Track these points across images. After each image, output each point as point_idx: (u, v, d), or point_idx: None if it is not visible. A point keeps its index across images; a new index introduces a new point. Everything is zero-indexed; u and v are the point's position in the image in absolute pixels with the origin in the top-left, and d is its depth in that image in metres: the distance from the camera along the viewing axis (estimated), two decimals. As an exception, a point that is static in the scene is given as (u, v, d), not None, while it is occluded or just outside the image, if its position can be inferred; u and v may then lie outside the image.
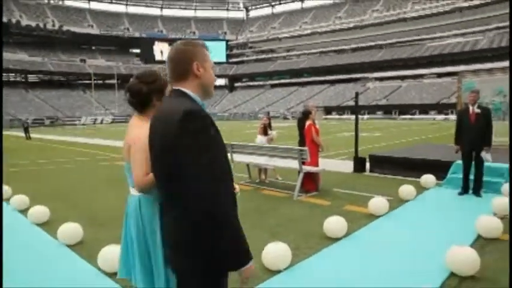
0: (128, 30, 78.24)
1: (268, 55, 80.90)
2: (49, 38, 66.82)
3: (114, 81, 62.17)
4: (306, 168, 6.66)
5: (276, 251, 3.52)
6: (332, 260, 3.78)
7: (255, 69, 78.89)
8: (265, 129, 8.61)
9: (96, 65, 69.44)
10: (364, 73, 64.07)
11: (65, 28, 68.15)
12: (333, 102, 58.83)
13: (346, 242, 4.28)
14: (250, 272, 1.45)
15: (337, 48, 72.45)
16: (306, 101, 55.21)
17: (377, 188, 6.99)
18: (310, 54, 75.58)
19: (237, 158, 7.86)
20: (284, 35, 78.98)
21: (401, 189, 6.22)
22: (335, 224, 4.39)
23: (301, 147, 6.76)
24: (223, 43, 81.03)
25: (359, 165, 8.95)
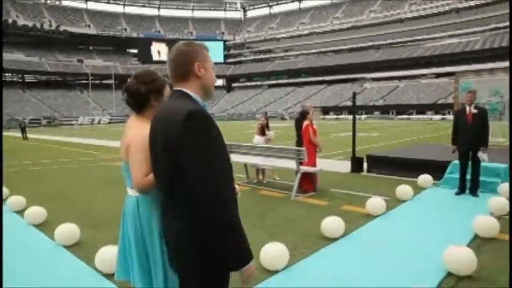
0: (125, 30, 78.10)
1: (265, 55, 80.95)
2: (46, 38, 66.60)
3: (111, 81, 62.06)
4: (304, 168, 6.67)
5: (274, 251, 3.52)
6: (330, 260, 3.78)
7: (253, 69, 78.90)
8: (262, 129, 8.62)
9: (93, 65, 69.29)
10: (361, 73, 64.18)
11: (62, 28, 67.97)
12: (330, 103, 58.90)
13: (343, 242, 4.28)
14: (251, 272, 1.45)
15: (334, 48, 72.59)
16: (303, 101, 55.34)
17: (374, 188, 7.00)
18: (307, 54, 75.68)
19: (235, 158, 7.86)
20: (282, 35, 79.05)
21: (399, 189, 6.23)
22: (332, 224, 4.40)
23: (298, 148, 6.77)
24: (220, 43, 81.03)
25: (356, 165, 8.96)
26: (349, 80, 65.36)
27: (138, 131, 1.89)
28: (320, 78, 68.37)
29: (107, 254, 3.45)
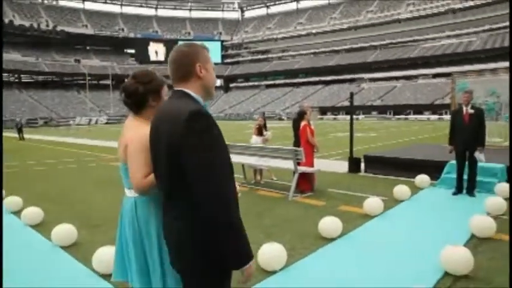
0: (123, 30, 77.95)
1: (263, 56, 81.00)
2: (43, 38, 66.40)
3: (108, 81, 61.91)
4: (301, 168, 6.67)
5: (272, 252, 3.52)
6: (327, 261, 3.78)
7: (250, 69, 78.93)
8: (260, 129, 8.62)
9: (90, 65, 69.11)
10: (358, 74, 64.35)
11: (59, 28, 67.76)
12: (327, 103, 59.01)
13: (341, 242, 4.29)
14: (251, 271, 1.46)
15: (332, 49, 72.73)
16: (301, 101, 55.32)
17: (372, 188, 7.01)
18: (305, 54, 75.78)
19: (233, 158, 7.84)
20: (279, 36, 79.11)
21: (396, 189, 6.25)
22: (330, 225, 4.40)
23: (296, 148, 6.77)
24: (218, 43, 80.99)
25: (354, 165, 8.98)
26: (346, 80, 65.50)
27: (136, 131, 1.88)
28: (317, 79, 68.49)
29: (104, 255, 3.44)
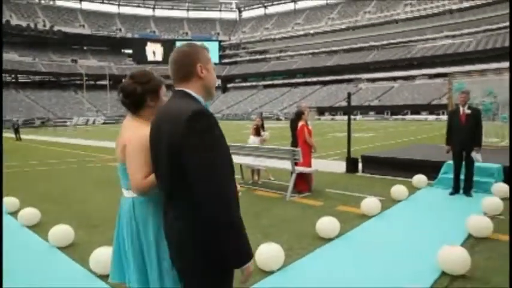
0: (120, 30, 77.77)
1: (261, 56, 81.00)
2: (40, 38, 66.16)
3: (106, 81, 61.75)
4: (299, 168, 6.68)
5: (269, 252, 3.52)
6: (325, 261, 3.79)
7: (248, 70, 78.91)
8: (257, 130, 8.62)
9: (87, 65, 68.93)
10: (356, 74, 64.42)
11: (56, 28, 67.53)
12: (325, 103, 59.06)
13: (338, 242, 4.30)
14: (251, 270, 1.47)
15: (329, 49, 72.80)
16: (298, 101, 55.36)
17: (369, 189, 7.03)
18: (303, 55, 75.83)
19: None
20: (277, 36, 79.13)
21: (394, 189, 6.26)
22: (328, 225, 4.41)
23: (293, 148, 6.78)
24: (216, 44, 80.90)
25: (351, 165, 8.99)
26: (344, 81, 65.58)
27: (135, 131, 1.87)
28: (315, 79, 68.56)
29: (102, 255, 3.43)
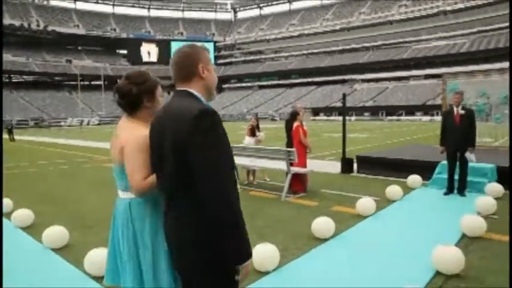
0: (115, 30, 77.45)
1: (256, 56, 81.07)
2: (33, 38, 65.72)
3: (100, 82, 61.45)
4: (294, 169, 6.68)
5: (265, 252, 3.52)
6: (320, 261, 3.80)
7: (243, 70, 78.93)
8: (253, 130, 8.62)
9: (82, 65, 68.53)
10: (351, 75, 64.67)
11: (50, 28, 67.13)
12: (320, 104, 59.20)
13: (334, 242, 4.31)
14: (249, 269, 1.48)
15: (324, 49, 73.03)
16: (293, 102, 55.45)
17: (364, 189, 7.05)
18: (298, 55, 76.00)
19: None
20: (272, 37, 79.24)
21: (388, 189, 6.29)
22: (323, 225, 4.42)
23: (289, 149, 6.78)
24: (211, 44, 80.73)
25: (346, 166, 9.02)
26: (339, 81, 65.78)
27: (132, 132, 1.86)
28: (310, 80, 68.73)
29: (97, 257, 3.41)
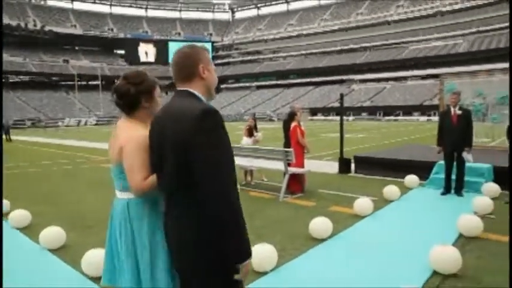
0: (112, 30, 77.27)
1: (254, 57, 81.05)
2: (30, 37, 65.49)
3: (98, 82, 61.28)
4: (292, 169, 6.68)
5: (262, 253, 3.52)
6: (318, 261, 3.80)
7: (241, 70, 78.89)
8: (250, 130, 8.62)
9: (79, 65, 68.36)
10: (349, 75, 64.75)
11: (47, 28, 66.92)
12: (318, 104, 59.24)
13: (331, 242, 4.31)
14: (248, 269, 1.48)
15: (322, 50, 73.09)
16: (291, 102, 55.53)
17: (362, 189, 7.06)
18: (295, 56, 76.01)
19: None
20: (270, 37, 79.25)
21: (386, 189, 6.30)
22: (320, 225, 4.42)
23: (286, 149, 6.79)
24: (208, 44, 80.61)
25: (344, 166, 9.03)
26: (336, 82, 65.85)
27: (131, 132, 1.85)
28: (308, 80, 68.76)
29: (94, 257, 3.40)
